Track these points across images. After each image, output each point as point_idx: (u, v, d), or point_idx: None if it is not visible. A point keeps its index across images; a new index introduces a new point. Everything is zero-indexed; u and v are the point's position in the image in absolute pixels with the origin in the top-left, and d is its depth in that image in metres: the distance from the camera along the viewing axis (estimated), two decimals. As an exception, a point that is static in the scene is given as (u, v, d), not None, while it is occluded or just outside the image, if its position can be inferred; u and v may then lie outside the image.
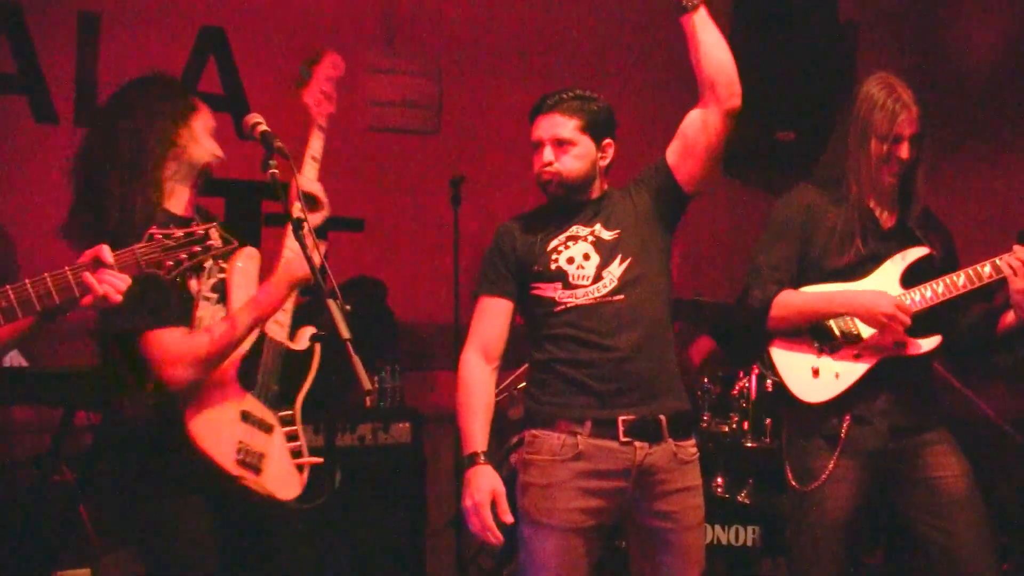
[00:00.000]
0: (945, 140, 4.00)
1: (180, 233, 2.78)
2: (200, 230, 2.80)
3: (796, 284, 3.78)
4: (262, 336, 3.49)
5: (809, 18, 6.47)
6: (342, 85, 3.73)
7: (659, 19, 3.50)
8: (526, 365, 3.77)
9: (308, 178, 3.61)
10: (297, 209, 3.18)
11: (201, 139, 3.41)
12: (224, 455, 3.28)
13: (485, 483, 3.39)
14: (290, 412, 3.51)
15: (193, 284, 3.35)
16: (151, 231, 2.77)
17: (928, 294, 3.68)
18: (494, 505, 3.37)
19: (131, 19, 5.30)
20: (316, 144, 3.67)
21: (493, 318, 3.62)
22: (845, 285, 3.73)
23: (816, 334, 3.74)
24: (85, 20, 5.20)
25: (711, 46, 3.46)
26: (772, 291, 3.78)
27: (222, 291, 3.45)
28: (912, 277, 3.72)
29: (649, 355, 3.49)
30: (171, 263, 2.77)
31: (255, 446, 3.34)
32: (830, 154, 3.92)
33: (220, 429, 3.30)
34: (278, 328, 3.53)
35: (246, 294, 3.43)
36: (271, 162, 3.17)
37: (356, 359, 2.85)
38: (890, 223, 3.79)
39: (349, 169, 5.50)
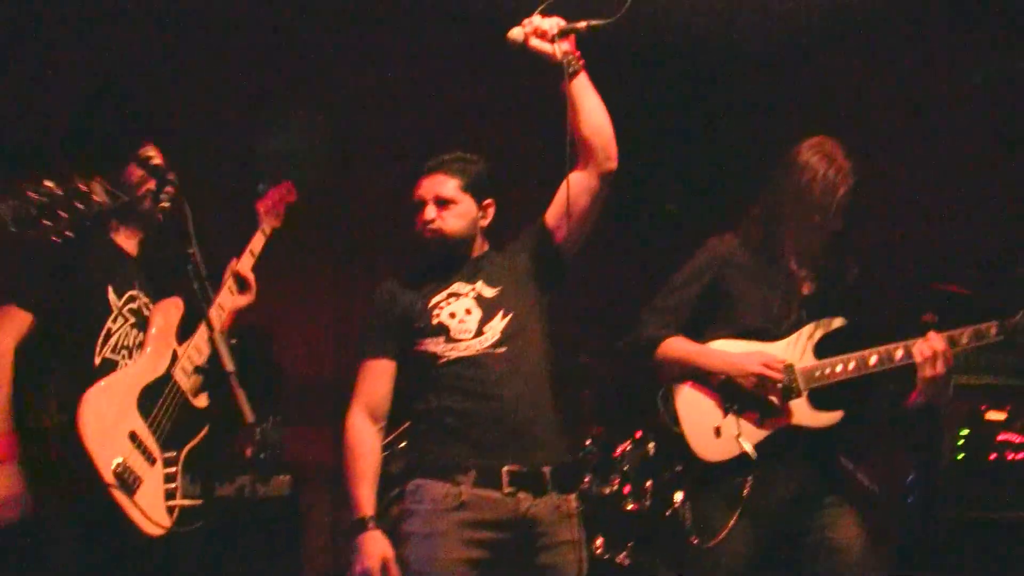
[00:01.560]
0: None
1: (59, 189, 2.48)
2: (83, 185, 2.51)
3: (701, 334, 3.84)
4: (168, 375, 3.50)
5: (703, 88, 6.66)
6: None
7: (543, 82, 3.55)
8: (407, 423, 3.78)
9: (244, 266, 3.89)
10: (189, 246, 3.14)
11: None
12: (103, 460, 3.22)
13: (376, 549, 3.39)
14: (174, 454, 3.49)
15: (112, 296, 3.42)
16: (19, 185, 2.44)
17: (839, 369, 3.72)
18: (385, 571, 3.37)
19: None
20: (257, 243, 4.02)
21: (377, 379, 3.63)
22: (759, 345, 3.78)
23: (724, 392, 3.77)
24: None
25: (590, 111, 3.52)
26: (660, 334, 3.83)
27: (141, 319, 3.51)
28: (827, 347, 3.76)
29: (532, 406, 3.51)
30: (48, 222, 2.44)
31: (135, 468, 3.29)
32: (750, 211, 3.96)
33: (106, 434, 3.26)
34: (184, 376, 3.53)
35: (161, 334, 3.52)
36: (162, 195, 3.17)
37: (239, 391, 2.82)
38: (810, 289, 3.86)
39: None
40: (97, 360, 3.40)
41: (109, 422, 3.29)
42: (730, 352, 3.78)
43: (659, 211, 6.72)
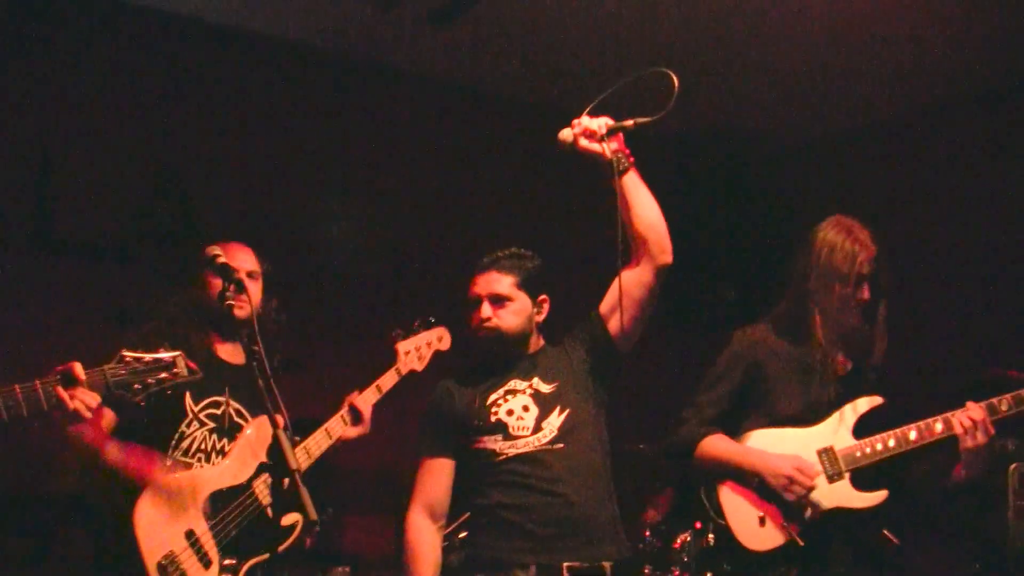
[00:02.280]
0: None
1: (149, 358, 2.90)
2: (168, 358, 2.94)
3: (740, 425, 3.84)
4: (248, 484, 3.58)
5: (750, 180, 6.71)
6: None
7: (594, 178, 3.61)
8: (467, 514, 3.81)
9: (365, 399, 3.97)
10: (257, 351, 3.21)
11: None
12: (150, 551, 3.32)
13: None
14: (235, 562, 3.53)
15: (189, 401, 3.56)
16: (122, 352, 2.89)
17: (879, 447, 3.71)
18: None
19: (86, 151, 5.38)
20: (387, 380, 4.07)
21: (436, 478, 3.67)
22: (796, 431, 3.77)
23: (764, 486, 3.75)
24: (44, 152, 5.24)
25: (642, 206, 3.55)
26: (700, 433, 3.83)
27: (222, 425, 3.64)
28: (866, 426, 3.75)
29: (591, 501, 3.52)
30: (139, 386, 2.87)
31: (184, 565, 3.36)
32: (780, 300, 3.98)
33: (160, 526, 3.35)
34: (266, 492, 3.61)
35: (249, 446, 3.62)
36: (228, 294, 3.23)
37: (303, 489, 2.86)
38: (846, 368, 3.85)
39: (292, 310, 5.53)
40: (168, 460, 3.52)
41: (166, 515, 3.37)
42: (766, 453, 3.76)
43: (715, 297, 6.72)
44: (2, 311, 5.00)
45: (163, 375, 2.92)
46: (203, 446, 3.59)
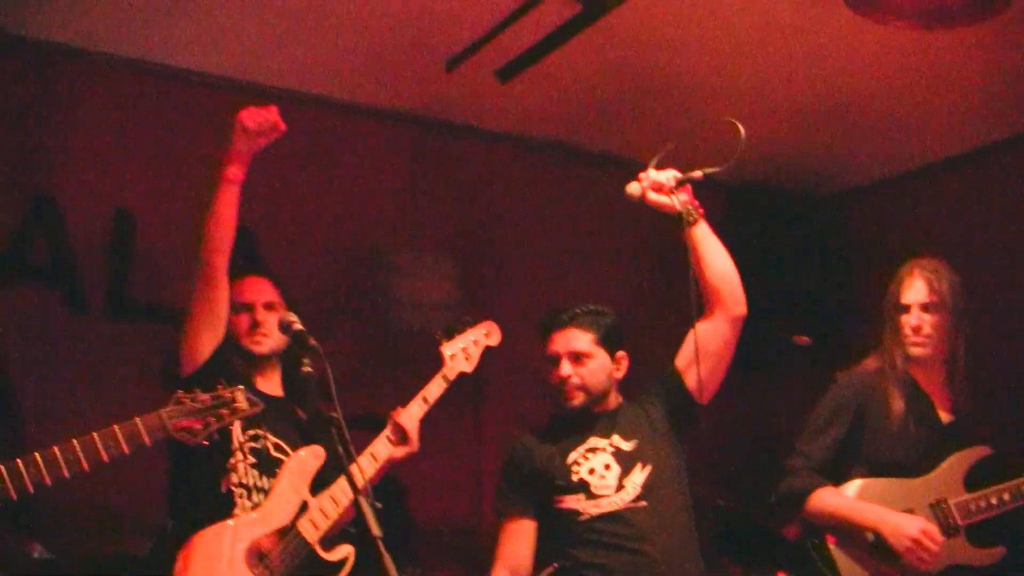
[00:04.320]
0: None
1: (206, 397, 2.92)
2: (227, 394, 2.94)
3: (845, 472, 3.77)
4: (292, 526, 3.51)
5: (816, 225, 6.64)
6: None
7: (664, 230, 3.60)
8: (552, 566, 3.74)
9: (410, 414, 3.75)
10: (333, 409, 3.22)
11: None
12: None
13: None
14: None
15: (236, 433, 3.51)
16: (177, 394, 2.89)
17: (994, 501, 3.63)
18: None
19: (164, 218, 5.45)
20: (434, 389, 3.82)
21: (518, 540, 3.65)
22: (905, 482, 3.70)
23: (880, 542, 3.68)
24: (120, 216, 5.33)
25: (714, 257, 3.54)
26: (811, 484, 3.76)
27: (265, 460, 3.58)
28: (977, 478, 3.69)
29: (676, 558, 3.50)
30: (199, 426, 2.87)
31: None
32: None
33: None
34: (311, 528, 3.54)
35: (290, 483, 3.53)
36: (305, 360, 3.26)
37: (387, 556, 2.85)
38: (949, 417, 3.78)
39: (370, 367, 5.54)
40: (223, 488, 3.52)
41: (212, 570, 3.35)
42: (885, 510, 3.69)
43: (785, 344, 6.64)
44: (80, 373, 5.06)
45: (223, 411, 2.92)
46: (245, 481, 3.54)
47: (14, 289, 5.02)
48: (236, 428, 3.51)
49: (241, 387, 2.99)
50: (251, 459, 3.56)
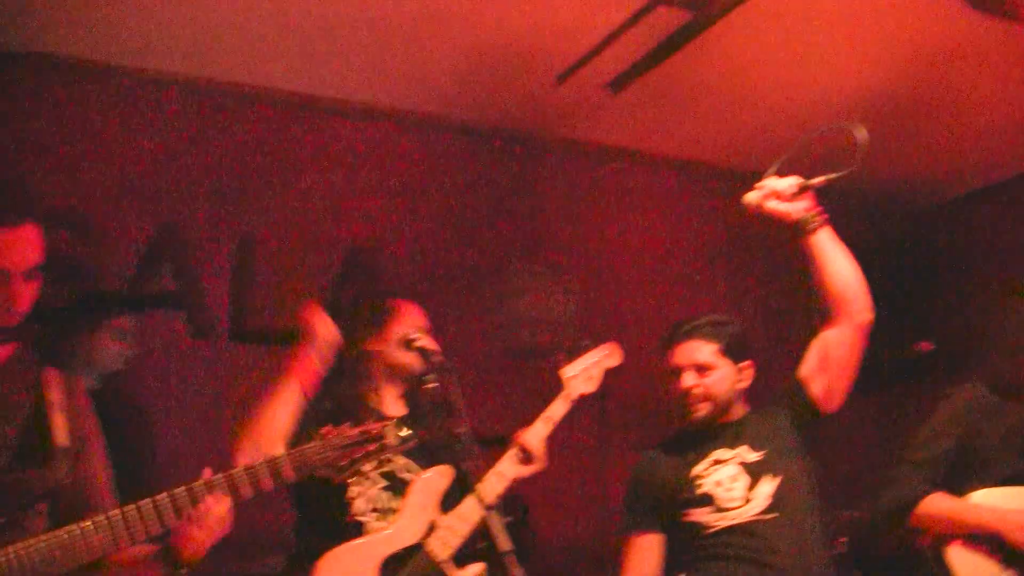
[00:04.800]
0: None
1: (354, 432, 2.80)
2: (375, 429, 2.82)
3: (956, 487, 3.69)
4: (419, 546, 3.52)
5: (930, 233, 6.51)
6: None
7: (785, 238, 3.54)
8: None
9: (534, 432, 3.76)
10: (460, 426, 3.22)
11: (395, 343, 3.60)
12: None
13: None
14: None
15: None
16: (323, 431, 2.81)
17: None
18: None
19: (284, 243, 5.54)
20: (557, 409, 3.84)
21: (645, 556, 3.62)
22: (1020, 489, 3.61)
23: (1001, 547, 3.59)
24: (244, 243, 5.43)
25: (836, 264, 3.46)
26: (921, 491, 3.67)
27: (395, 481, 3.56)
28: None
29: (806, 570, 3.43)
30: (345, 461, 2.78)
31: None
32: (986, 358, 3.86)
33: None
34: (441, 547, 3.55)
35: (419, 503, 3.53)
36: (428, 376, 3.28)
37: (517, 570, 2.84)
38: None
39: (492, 388, 5.56)
40: (348, 519, 3.51)
41: None
42: (1001, 509, 3.60)
43: (909, 355, 6.50)
44: (205, 396, 5.16)
45: (371, 447, 2.81)
46: (376, 505, 3.54)
47: (141, 314, 5.12)
48: None
49: (390, 422, 2.90)
50: (382, 482, 3.57)
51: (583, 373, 3.94)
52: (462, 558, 3.58)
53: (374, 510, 3.54)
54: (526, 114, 5.82)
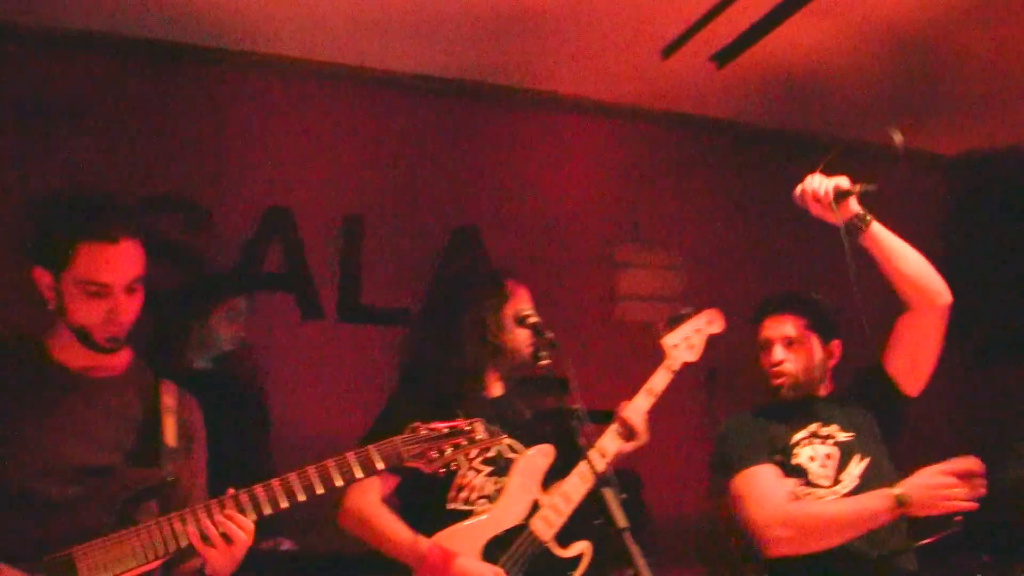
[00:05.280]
0: None
1: (444, 428, 2.90)
2: (465, 425, 2.91)
3: None
4: (523, 526, 3.52)
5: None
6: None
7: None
8: None
9: (636, 406, 3.72)
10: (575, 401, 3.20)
11: (510, 329, 3.61)
12: None
13: None
14: None
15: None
16: (414, 424, 2.89)
17: None
18: None
19: (390, 220, 5.56)
20: (659, 380, 3.78)
21: (777, 483, 3.55)
22: None
23: None
24: (349, 223, 5.46)
25: (897, 257, 3.44)
26: None
27: (498, 465, 3.57)
28: None
29: (887, 554, 3.44)
30: (435, 454, 2.87)
31: None
32: None
33: None
34: (544, 527, 3.54)
35: (521, 483, 3.53)
36: (542, 353, 3.27)
37: (634, 548, 2.82)
38: None
39: (600, 362, 5.52)
40: (449, 506, 3.53)
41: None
42: None
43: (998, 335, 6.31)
44: (314, 376, 5.21)
45: (461, 441, 2.90)
46: (484, 491, 3.55)
47: (251, 296, 5.18)
48: None
49: (480, 419, 2.99)
50: (486, 469, 3.58)
51: (684, 342, 3.86)
52: (566, 537, 3.57)
53: (480, 497, 3.55)
54: (633, 89, 5.76)
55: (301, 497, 2.78)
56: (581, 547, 3.59)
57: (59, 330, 2.88)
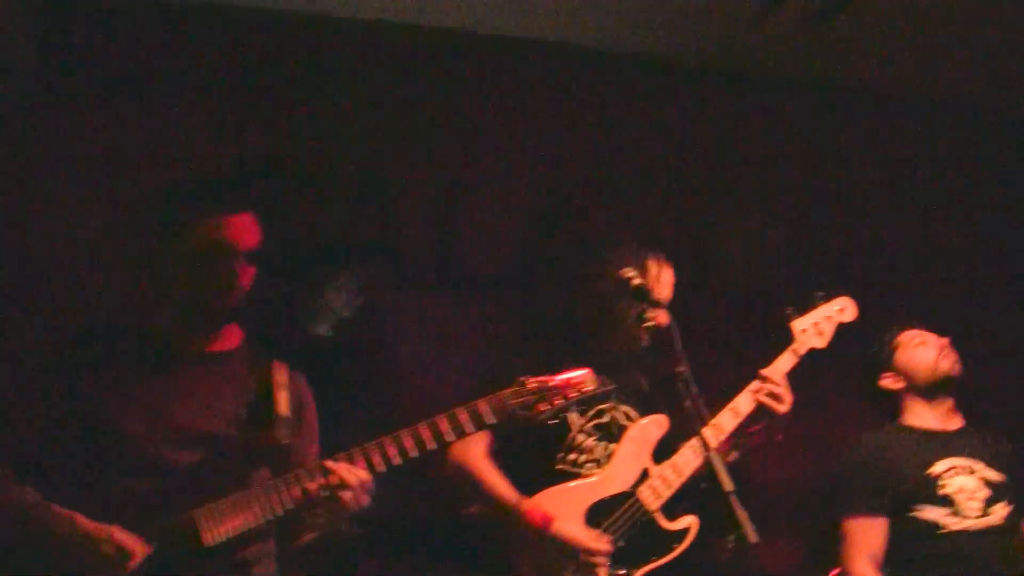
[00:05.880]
0: None
1: (554, 380, 2.90)
2: (576, 377, 2.90)
3: None
4: (631, 493, 3.50)
5: None
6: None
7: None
8: None
9: (778, 368, 3.72)
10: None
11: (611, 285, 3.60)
12: (533, 568, 3.38)
13: None
14: (624, 572, 3.50)
15: (574, 418, 3.53)
16: (522, 378, 2.89)
17: None
18: None
19: (486, 186, 5.56)
20: (785, 362, 3.78)
21: (873, 537, 3.70)
22: None
23: None
24: (447, 188, 5.45)
25: None
26: None
27: (609, 431, 3.59)
28: None
29: None
30: (544, 406, 2.86)
31: None
32: None
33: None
34: (652, 496, 3.53)
35: (634, 450, 3.52)
36: (647, 315, 3.26)
37: (741, 511, 2.80)
38: None
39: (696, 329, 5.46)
40: (557, 467, 3.54)
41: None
42: None
43: None
44: (412, 345, 5.22)
45: (570, 393, 2.89)
46: (594, 455, 3.56)
47: (357, 262, 5.21)
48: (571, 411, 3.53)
49: (589, 368, 2.98)
50: (596, 434, 3.59)
51: (814, 327, 3.83)
52: (674, 510, 3.55)
53: (589, 461, 3.55)
54: (730, 50, 5.68)
55: (413, 453, 2.83)
56: (688, 521, 3.58)
57: (179, 304, 3.01)
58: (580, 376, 2.91)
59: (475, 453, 3.47)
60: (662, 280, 3.65)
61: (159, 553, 2.72)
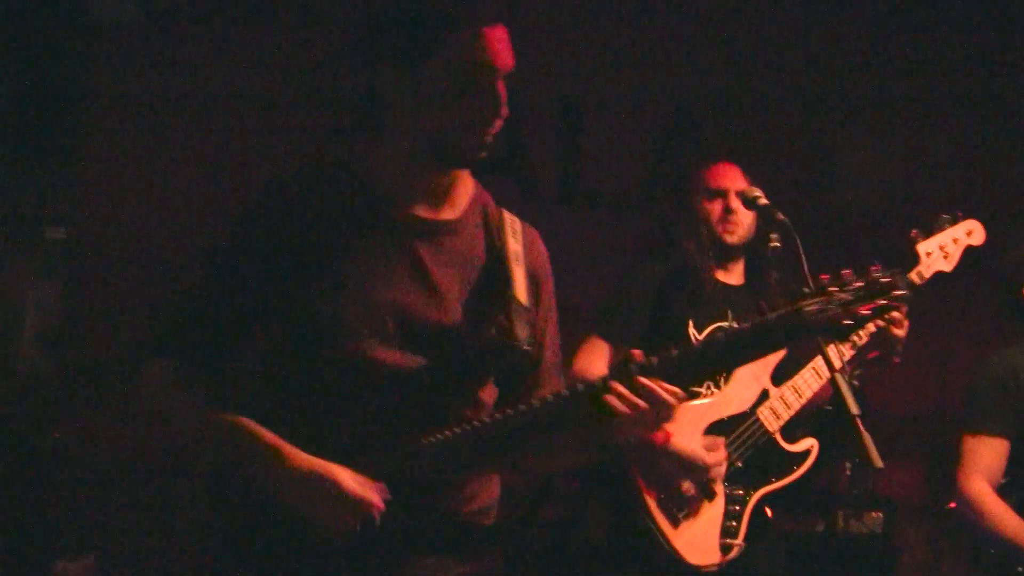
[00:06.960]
0: None
1: (860, 283, 2.21)
2: (886, 278, 2.20)
3: None
4: (751, 413, 3.49)
5: None
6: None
7: None
8: None
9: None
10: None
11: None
12: (651, 485, 3.34)
13: None
14: (741, 493, 3.48)
15: (692, 330, 3.51)
16: (823, 279, 2.22)
17: None
18: None
19: (607, 103, 5.52)
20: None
21: (997, 457, 3.51)
22: None
23: None
24: (569, 106, 5.43)
25: None
26: None
27: None
28: None
29: None
30: (848, 321, 2.21)
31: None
32: None
33: None
34: (772, 417, 3.51)
35: (751, 371, 3.46)
36: (772, 235, 3.21)
37: (866, 435, 2.75)
38: None
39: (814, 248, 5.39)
40: None
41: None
42: None
43: None
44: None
45: (881, 301, 2.19)
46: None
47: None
48: (690, 325, 3.51)
49: (899, 269, 2.20)
50: None
51: (940, 250, 3.66)
52: (794, 432, 3.53)
53: (707, 380, 3.52)
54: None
55: None
56: (808, 443, 3.55)
57: (399, 148, 2.29)
58: (893, 276, 2.20)
59: (598, 367, 3.46)
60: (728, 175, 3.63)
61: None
